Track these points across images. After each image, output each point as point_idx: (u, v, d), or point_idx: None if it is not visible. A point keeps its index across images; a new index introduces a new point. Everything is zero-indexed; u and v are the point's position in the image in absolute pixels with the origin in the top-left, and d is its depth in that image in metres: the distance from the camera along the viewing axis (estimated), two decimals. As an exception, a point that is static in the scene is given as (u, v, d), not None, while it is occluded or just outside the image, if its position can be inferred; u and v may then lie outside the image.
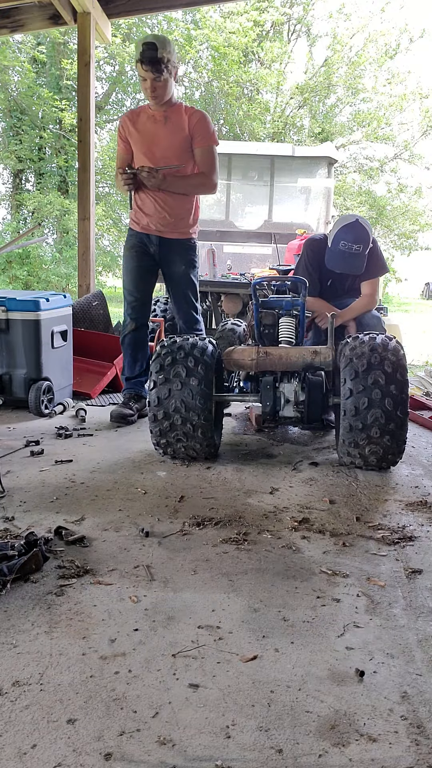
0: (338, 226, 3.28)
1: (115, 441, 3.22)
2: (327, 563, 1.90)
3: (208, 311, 6.36)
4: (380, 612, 1.64)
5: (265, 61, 16.29)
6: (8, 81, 14.90)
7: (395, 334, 4.49)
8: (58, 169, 16.68)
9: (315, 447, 3.21)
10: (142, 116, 3.49)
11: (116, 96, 17.77)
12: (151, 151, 3.45)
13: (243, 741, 1.18)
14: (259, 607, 1.65)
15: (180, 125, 3.43)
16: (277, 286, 3.29)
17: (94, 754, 1.13)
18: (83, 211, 5.71)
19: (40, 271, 15.18)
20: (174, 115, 3.44)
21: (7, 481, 2.54)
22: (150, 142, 3.45)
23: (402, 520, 2.25)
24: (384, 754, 1.16)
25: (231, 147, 7.43)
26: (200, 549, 1.98)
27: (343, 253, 3.25)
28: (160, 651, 1.45)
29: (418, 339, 8.87)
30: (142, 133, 3.46)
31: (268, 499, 2.44)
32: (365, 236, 3.24)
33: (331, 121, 17.07)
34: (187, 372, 2.73)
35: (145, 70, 3.24)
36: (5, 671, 1.36)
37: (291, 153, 6.80)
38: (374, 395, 2.60)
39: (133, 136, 3.49)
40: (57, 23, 5.77)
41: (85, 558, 1.89)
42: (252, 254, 6.57)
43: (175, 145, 3.43)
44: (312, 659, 1.43)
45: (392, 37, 16.57)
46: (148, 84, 3.30)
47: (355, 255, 3.25)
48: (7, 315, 3.67)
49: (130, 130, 3.50)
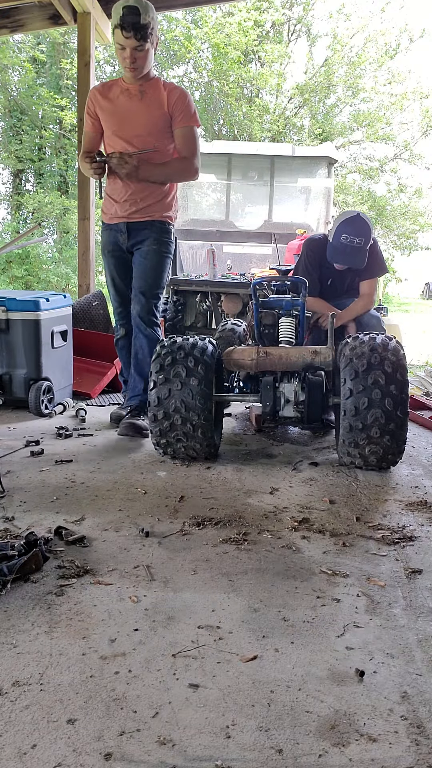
0: (339, 220, 3.29)
1: (115, 441, 3.22)
2: (327, 563, 1.90)
3: (208, 311, 6.36)
4: (380, 612, 1.64)
5: (265, 61, 16.29)
6: (8, 81, 14.90)
7: (395, 334, 4.50)
8: (58, 169, 16.70)
9: (315, 447, 3.21)
10: (115, 90, 3.16)
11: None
12: (123, 129, 3.12)
13: (243, 741, 1.18)
14: (259, 607, 1.65)
15: (158, 101, 3.09)
16: (277, 286, 3.29)
17: (94, 754, 1.13)
18: (83, 211, 5.72)
19: (39, 271, 15.18)
20: (151, 90, 3.11)
21: (7, 481, 2.54)
22: (122, 119, 3.12)
23: (402, 520, 2.25)
24: (384, 754, 1.16)
25: (231, 147, 7.43)
26: (200, 549, 1.98)
27: (345, 246, 3.25)
28: (160, 651, 1.45)
29: (418, 339, 8.86)
30: (114, 108, 3.14)
31: (268, 499, 2.44)
32: (366, 230, 3.24)
33: (331, 122, 17.07)
34: (187, 372, 2.73)
35: (125, 37, 2.91)
36: (5, 671, 1.36)
37: (291, 153, 6.80)
38: (374, 395, 2.60)
39: (105, 111, 3.16)
40: (57, 23, 5.77)
41: (85, 558, 1.89)
42: (252, 254, 6.57)
43: (151, 122, 3.10)
44: (312, 659, 1.43)
45: (392, 36, 16.57)
46: (127, 53, 2.97)
47: (356, 248, 3.25)
48: (7, 315, 3.67)
49: (101, 104, 3.16)
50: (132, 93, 3.13)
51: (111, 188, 3.24)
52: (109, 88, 3.20)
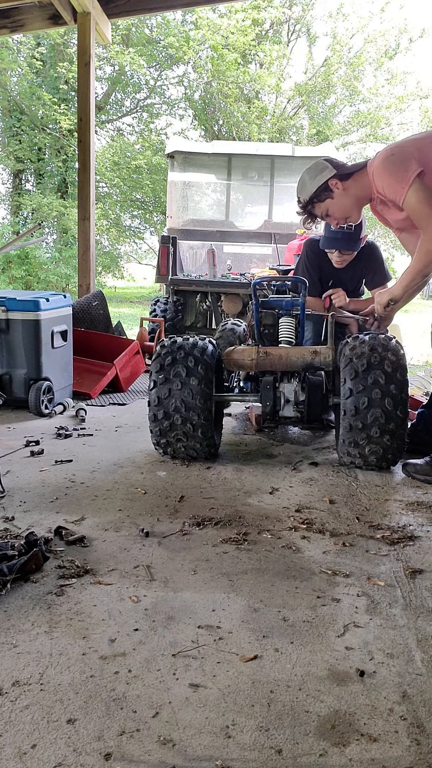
0: (337, 228, 3.30)
1: (115, 441, 3.22)
2: (327, 563, 1.90)
3: (208, 311, 6.36)
4: (380, 612, 1.64)
5: (264, 62, 16.28)
6: (7, 81, 14.90)
7: (395, 334, 4.51)
8: (57, 169, 16.69)
9: (315, 447, 3.21)
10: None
11: (116, 96, 17.79)
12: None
13: (243, 741, 1.18)
14: (259, 607, 1.65)
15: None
16: (277, 286, 3.29)
17: (94, 754, 1.13)
18: (83, 211, 5.72)
19: (39, 271, 15.18)
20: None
21: (7, 481, 2.54)
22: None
23: (402, 520, 2.25)
24: (384, 754, 1.16)
25: (231, 147, 7.43)
26: (200, 549, 1.98)
27: (336, 232, 3.31)
28: (160, 651, 1.45)
29: (418, 339, 8.85)
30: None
31: (268, 499, 2.44)
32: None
33: (331, 122, 17.06)
34: (187, 372, 2.73)
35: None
36: (5, 671, 1.36)
37: (291, 153, 6.80)
38: (374, 395, 2.60)
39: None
40: (57, 23, 5.78)
41: (85, 558, 1.89)
42: (252, 254, 6.57)
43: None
44: (312, 659, 1.43)
45: (392, 36, 16.56)
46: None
47: (347, 233, 3.30)
48: (7, 315, 3.67)
49: None
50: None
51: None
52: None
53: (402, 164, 2.55)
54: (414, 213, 2.56)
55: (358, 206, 2.85)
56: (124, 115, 18.10)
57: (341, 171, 2.78)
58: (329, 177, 2.77)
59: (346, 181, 2.77)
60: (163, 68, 16.89)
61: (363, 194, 2.78)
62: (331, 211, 2.84)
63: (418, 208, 2.53)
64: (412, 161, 2.53)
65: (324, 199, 2.81)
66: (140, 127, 17.75)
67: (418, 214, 2.54)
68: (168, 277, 5.97)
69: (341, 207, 2.82)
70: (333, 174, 2.77)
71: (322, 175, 2.79)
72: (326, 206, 2.83)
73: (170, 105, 17.63)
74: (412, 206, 2.54)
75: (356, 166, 2.80)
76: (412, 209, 2.55)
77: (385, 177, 2.60)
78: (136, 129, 17.90)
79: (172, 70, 17.12)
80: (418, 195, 2.51)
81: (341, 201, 2.80)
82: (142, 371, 4.81)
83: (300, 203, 2.90)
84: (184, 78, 16.98)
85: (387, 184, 2.60)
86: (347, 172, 2.78)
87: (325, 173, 2.79)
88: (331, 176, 2.77)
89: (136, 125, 18.04)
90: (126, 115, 18.08)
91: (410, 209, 2.56)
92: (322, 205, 2.84)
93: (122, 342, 4.70)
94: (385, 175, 2.60)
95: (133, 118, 18.11)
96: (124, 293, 18.27)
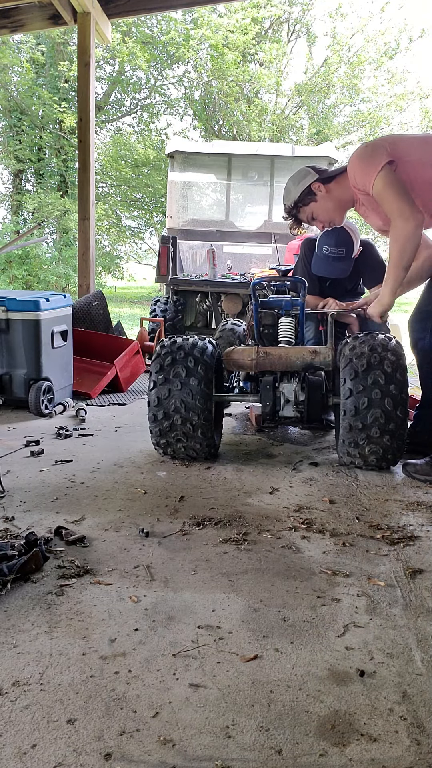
0: (322, 231, 3.31)
1: (115, 441, 3.22)
2: (327, 563, 1.90)
3: (208, 311, 6.36)
4: (380, 612, 1.64)
5: (264, 62, 16.28)
6: (8, 81, 14.90)
7: (395, 334, 4.49)
8: (57, 168, 16.69)
9: (315, 447, 3.21)
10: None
11: (116, 96, 17.79)
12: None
13: (243, 741, 1.18)
14: (259, 607, 1.65)
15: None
16: (277, 286, 3.30)
17: (94, 754, 1.13)
18: (83, 211, 5.71)
19: (39, 271, 15.18)
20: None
21: (7, 481, 2.54)
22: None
23: (402, 520, 2.25)
24: (384, 754, 1.16)
25: (231, 147, 7.43)
26: (200, 549, 1.98)
27: (327, 257, 3.34)
28: (160, 651, 1.45)
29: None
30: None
31: (268, 499, 2.44)
32: (348, 239, 3.29)
33: (331, 122, 17.06)
34: (187, 372, 2.73)
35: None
36: (5, 671, 1.36)
37: (291, 153, 6.80)
38: (374, 395, 2.60)
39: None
40: (57, 23, 5.78)
41: (85, 558, 1.89)
42: (252, 254, 6.58)
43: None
44: (312, 659, 1.43)
45: (391, 36, 16.56)
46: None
47: (338, 259, 3.32)
48: (7, 315, 3.67)
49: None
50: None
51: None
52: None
53: (373, 153, 2.61)
54: (381, 199, 2.59)
55: (342, 209, 2.94)
56: (124, 115, 18.11)
57: (323, 175, 2.88)
58: (312, 181, 2.87)
59: (328, 184, 2.86)
60: (164, 68, 16.88)
61: (345, 197, 2.87)
62: (315, 215, 2.94)
63: (383, 193, 2.56)
64: (383, 152, 2.58)
65: (308, 202, 2.91)
66: (140, 127, 17.76)
67: (384, 199, 2.57)
68: (168, 277, 5.97)
69: (325, 210, 2.91)
70: (316, 178, 2.87)
71: (306, 180, 2.89)
72: (311, 210, 2.93)
73: (170, 105, 17.63)
74: (379, 192, 2.57)
75: (338, 170, 2.89)
76: (379, 195, 2.59)
77: (356, 166, 2.66)
78: (136, 129, 17.91)
79: (172, 69, 17.12)
80: (384, 180, 2.54)
81: (325, 204, 2.90)
82: (142, 371, 4.81)
83: (285, 208, 3.00)
84: (184, 77, 16.98)
85: (358, 173, 2.66)
86: (329, 176, 2.87)
87: (308, 178, 2.89)
88: (314, 180, 2.87)
89: (136, 125, 18.05)
90: (126, 115, 18.09)
91: (378, 196, 2.59)
92: (307, 209, 2.93)
93: (122, 342, 4.70)
94: (356, 164, 2.66)
95: (133, 117, 18.13)
96: (124, 293, 18.28)
